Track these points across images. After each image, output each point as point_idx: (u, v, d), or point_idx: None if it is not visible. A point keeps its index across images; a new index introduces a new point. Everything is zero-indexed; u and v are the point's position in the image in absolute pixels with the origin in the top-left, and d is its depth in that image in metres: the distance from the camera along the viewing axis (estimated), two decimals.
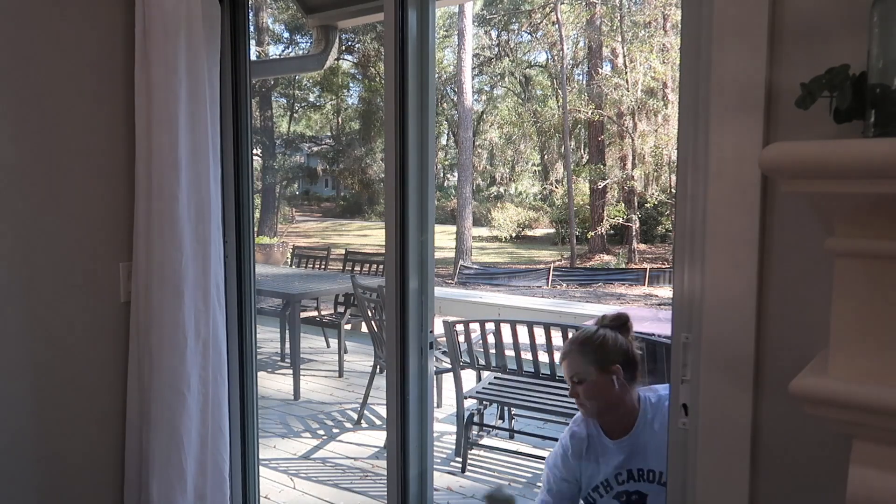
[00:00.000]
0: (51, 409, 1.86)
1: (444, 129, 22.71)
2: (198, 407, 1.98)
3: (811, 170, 0.79)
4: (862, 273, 0.83)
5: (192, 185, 1.92)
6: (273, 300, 6.48)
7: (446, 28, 20.10)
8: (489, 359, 3.56)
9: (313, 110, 23.75)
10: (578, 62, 19.71)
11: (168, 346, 1.91)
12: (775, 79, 1.14)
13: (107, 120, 1.93)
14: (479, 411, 3.84)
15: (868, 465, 0.84)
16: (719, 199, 1.19)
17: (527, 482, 3.44)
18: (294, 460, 3.70)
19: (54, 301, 1.85)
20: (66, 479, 1.91)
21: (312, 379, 5.31)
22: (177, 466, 1.94)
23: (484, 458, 3.74)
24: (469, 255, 16.04)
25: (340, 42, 2.49)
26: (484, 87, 22.22)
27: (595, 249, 16.83)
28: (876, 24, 0.85)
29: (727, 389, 1.22)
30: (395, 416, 1.89)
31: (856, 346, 0.84)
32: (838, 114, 0.91)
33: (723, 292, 1.20)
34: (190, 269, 1.93)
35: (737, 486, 1.22)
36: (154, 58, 1.85)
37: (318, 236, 21.16)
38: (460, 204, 16.26)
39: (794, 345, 1.16)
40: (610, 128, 17.55)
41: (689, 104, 1.26)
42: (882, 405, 0.79)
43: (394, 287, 1.84)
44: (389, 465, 1.93)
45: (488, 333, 3.50)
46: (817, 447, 1.16)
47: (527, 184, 22.12)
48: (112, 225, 1.96)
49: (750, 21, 1.14)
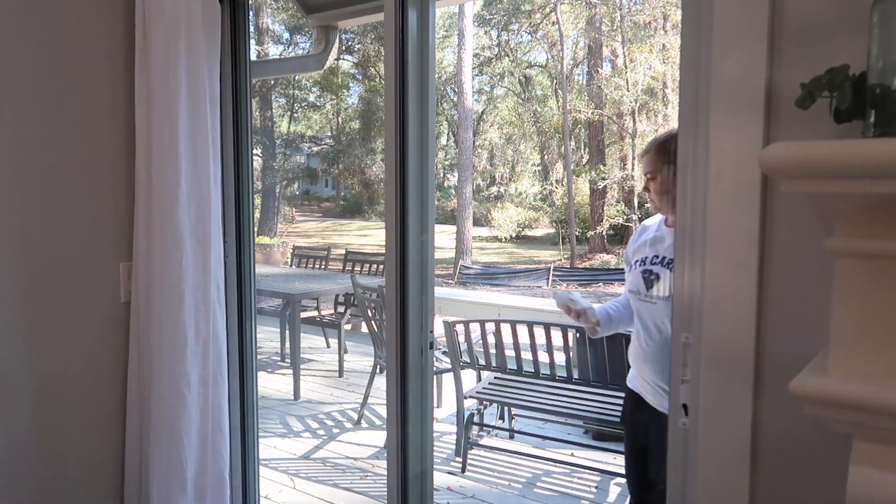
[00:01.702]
0: (51, 409, 1.86)
1: (444, 129, 22.69)
2: (198, 407, 1.98)
3: (811, 170, 0.79)
4: (862, 273, 0.83)
5: (192, 185, 1.93)
6: (273, 300, 6.48)
7: (446, 28, 20.08)
8: (489, 359, 3.55)
9: (313, 110, 23.73)
10: (578, 62, 19.69)
11: (168, 346, 1.91)
12: (775, 79, 1.14)
13: (107, 120, 1.93)
14: (479, 411, 3.84)
15: (868, 465, 0.84)
16: (719, 199, 1.19)
17: (527, 482, 3.44)
18: (294, 460, 3.70)
19: (55, 301, 1.85)
20: (66, 479, 1.91)
21: (312, 379, 5.31)
22: (177, 466, 1.94)
23: (484, 458, 3.74)
24: (469, 255, 16.02)
25: (340, 42, 2.49)
26: (484, 87, 22.20)
27: (595, 249, 16.82)
28: (876, 24, 0.85)
29: (727, 389, 1.22)
30: (395, 416, 1.89)
31: (856, 346, 0.84)
32: (838, 114, 0.91)
33: (723, 292, 1.20)
34: (190, 269, 1.93)
35: (737, 486, 1.22)
36: (154, 58, 1.86)
37: (318, 236, 21.14)
38: (460, 204, 16.25)
39: (794, 345, 1.16)
40: (610, 128, 17.54)
41: (689, 104, 1.26)
42: (882, 405, 0.79)
43: (394, 287, 1.84)
44: (389, 465, 1.93)
45: (488, 333, 3.50)
46: (817, 447, 1.16)
47: (527, 184, 22.10)
48: (112, 225, 1.96)
49: (750, 21, 1.14)
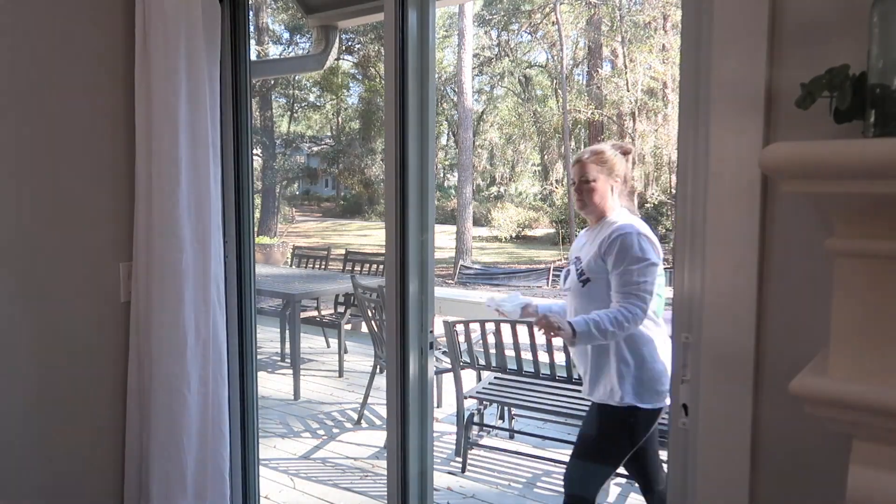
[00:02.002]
0: (51, 409, 1.86)
1: (444, 129, 22.68)
2: (198, 407, 1.98)
3: (811, 170, 0.79)
4: (862, 273, 0.83)
5: (192, 185, 1.92)
6: (273, 300, 6.47)
7: (446, 28, 20.08)
8: (489, 359, 3.55)
9: (313, 110, 23.73)
10: (578, 62, 19.68)
11: (168, 346, 1.91)
12: (775, 79, 1.14)
13: (107, 120, 1.93)
14: (479, 411, 3.84)
15: (868, 465, 0.84)
16: (719, 199, 1.19)
17: (527, 482, 3.44)
18: (294, 460, 3.70)
19: (54, 301, 1.85)
20: (67, 479, 1.91)
21: (312, 379, 5.31)
22: (177, 466, 1.94)
23: (484, 458, 3.74)
24: (469, 255, 16.02)
25: (340, 42, 2.49)
26: (484, 87, 22.19)
27: None
28: (876, 24, 0.85)
29: (727, 389, 1.22)
30: (395, 416, 1.89)
31: (856, 346, 0.84)
32: (838, 114, 0.91)
33: (723, 292, 1.20)
34: (190, 269, 1.93)
35: (737, 486, 1.22)
36: (154, 58, 1.86)
37: (318, 236, 21.13)
38: (460, 204, 16.25)
39: (794, 345, 1.16)
40: (610, 128, 17.54)
41: (689, 104, 1.26)
42: (882, 405, 0.79)
43: (394, 287, 1.84)
44: (389, 465, 1.93)
45: (488, 333, 3.50)
46: (817, 447, 1.16)
47: (527, 184, 22.09)
48: (112, 225, 1.96)
49: (750, 21, 1.14)
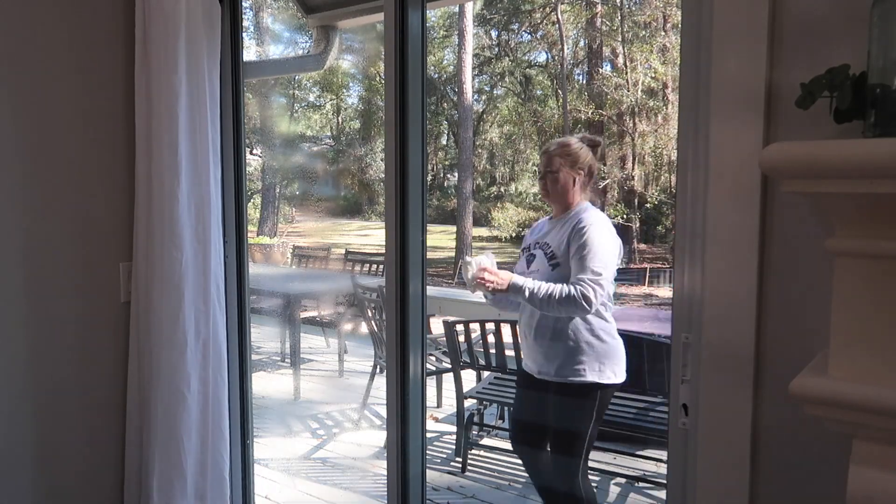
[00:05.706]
0: (51, 409, 1.86)
1: (444, 129, 22.68)
2: (198, 407, 1.98)
3: (811, 170, 0.79)
4: (862, 273, 0.83)
5: (192, 184, 1.92)
6: (273, 300, 6.47)
7: (446, 28, 20.06)
8: (489, 359, 3.55)
9: (313, 110, 23.73)
10: (578, 62, 19.65)
11: (168, 345, 1.91)
12: (775, 79, 1.14)
13: (107, 120, 1.93)
14: (479, 411, 3.84)
15: (868, 465, 0.84)
16: (719, 199, 1.19)
17: (527, 482, 3.43)
18: (294, 460, 3.70)
19: (55, 301, 1.85)
20: (67, 479, 1.91)
21: (312, 379, 5.31)
22: (177, 466, 1.94)
23: (484, 458, 3.74)
24: (469, 255, 16.01)
25: (340, 42, 2.49)
26: (484, 87, 22.15)
27: None
28: (876, 24, 0.85)
29: (727, 389, 1.21)
30: (394, 416, 1.89)
31: (856, 346, 0.84)
32: (838, 114, 0.91)
33: (723, 292, 1.20)
34: (190, 269, 1.93)
35: (737, 486, 1.22)
36: (154, 58, 1.85)
37: (318, 236, 21.12)
38: (460, 204, 16.22)
39: (794, 345, 1.16)
40: (610, 128, 17.53)
41: (689, 104, 1.26)
42: (882, 405, 0.79)
43: (394, 287, 1.84)
44: (389, 465, 1.93)
45: (488, 333, 3.50)
46: (817, 447, 1.16)
47: (527, 184, 22.06)
48: (112, 225, 1.96)
49: (750, 21, 1.14)
